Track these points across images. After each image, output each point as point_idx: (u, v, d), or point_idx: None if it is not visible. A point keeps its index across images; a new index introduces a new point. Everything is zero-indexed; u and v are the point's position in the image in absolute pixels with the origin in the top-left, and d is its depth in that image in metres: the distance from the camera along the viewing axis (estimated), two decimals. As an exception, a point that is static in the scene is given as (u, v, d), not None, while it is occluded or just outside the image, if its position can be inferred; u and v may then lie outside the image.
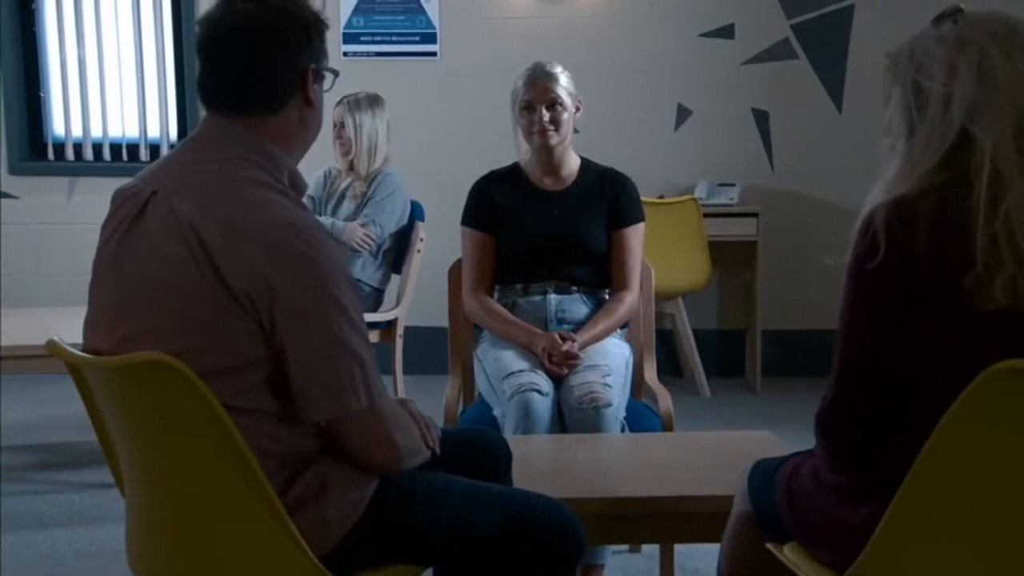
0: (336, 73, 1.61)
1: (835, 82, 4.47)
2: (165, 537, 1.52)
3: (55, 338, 1.55)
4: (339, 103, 3.63)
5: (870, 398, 1.41)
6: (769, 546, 1.58)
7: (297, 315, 1.43)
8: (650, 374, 2.64)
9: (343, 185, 3.70)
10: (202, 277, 1.42)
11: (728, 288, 4.61)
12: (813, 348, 4.55)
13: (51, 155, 4.68)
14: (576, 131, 2.63)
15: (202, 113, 4.83)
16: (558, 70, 2.58)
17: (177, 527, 1.50)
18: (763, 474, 1.66)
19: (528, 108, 2.56)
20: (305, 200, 4.04)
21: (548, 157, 2.62)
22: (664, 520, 1.83)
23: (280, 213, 1.47)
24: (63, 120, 4.67)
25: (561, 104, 2.55)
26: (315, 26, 1.57)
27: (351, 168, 3.70)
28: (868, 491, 1.42)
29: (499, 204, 2.64)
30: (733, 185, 4.42)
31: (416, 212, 3.81)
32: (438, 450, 1.64)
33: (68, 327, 3.56)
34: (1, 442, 3.64)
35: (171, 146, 4.70)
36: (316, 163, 3.89)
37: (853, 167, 4.49)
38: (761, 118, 4.52)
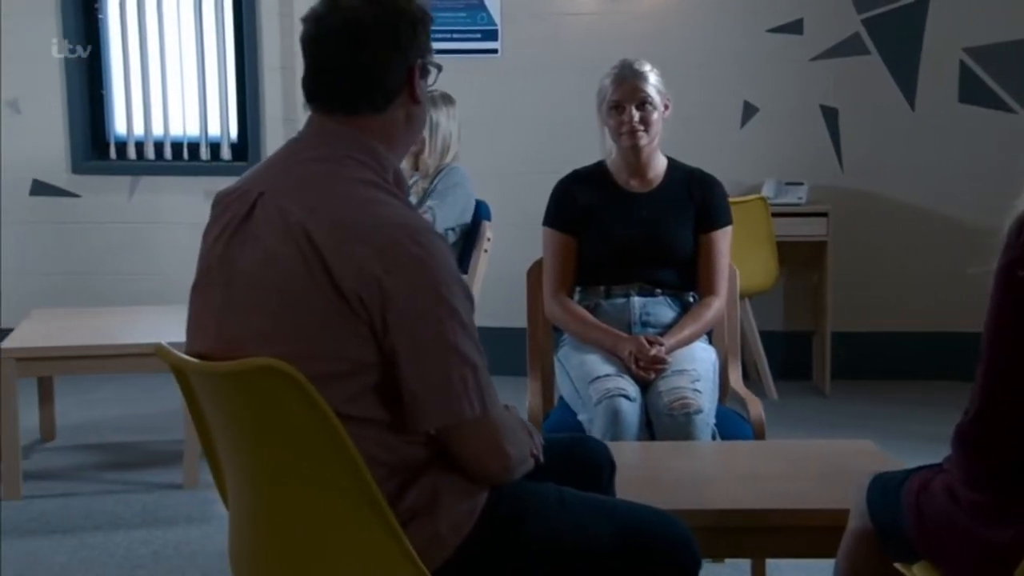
0: (440, 68, 1.57)
1: (908, 78, 4.35)
2: (272, 547, 1.48)
3: (162, 342, 1.52)
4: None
5: (1018, 412, 1.34)
6: (897, 565, 1.51)
7: (409, 319, 1.38)
8: (736, 379, 2.58)
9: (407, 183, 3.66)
10: (312, 279, 1.38)
11: (794, 289, 4.51)
12: (884, 351, 4.46)
13: (113, 154, 4.69)
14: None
15: (268, 112, 4.80)
16: (647, 68, 2.51)
17: (285, 537, 1.46)
18: (884, 489, 1.59)
19: (617, 108, 2.50)
20: None
21: (636, 158, 2.55)
22: (771, 534, 1.77)
23: (391, 213, 1.43)
24: (125, 119, 4.68)
25: (651, 103, 2.49)
26: (422, 20, 1.53)
27: (415, 166, 3.66)
28: (1012, 512, 1.35)
29: (582, 205, 2.58)
30: (801, 184, 4.32)
31: (482, 211, 3.76)
32: (541, 458, 1.59)
33: (129, 327, 3.57)
34: (66, 441, 3.64)
35: (232, 145, 4.70)
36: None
37: (927, 165, 4.39)
38: (830, 115, 4.42)
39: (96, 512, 3.01)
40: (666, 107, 2.54)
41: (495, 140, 4.47)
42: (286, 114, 4.59)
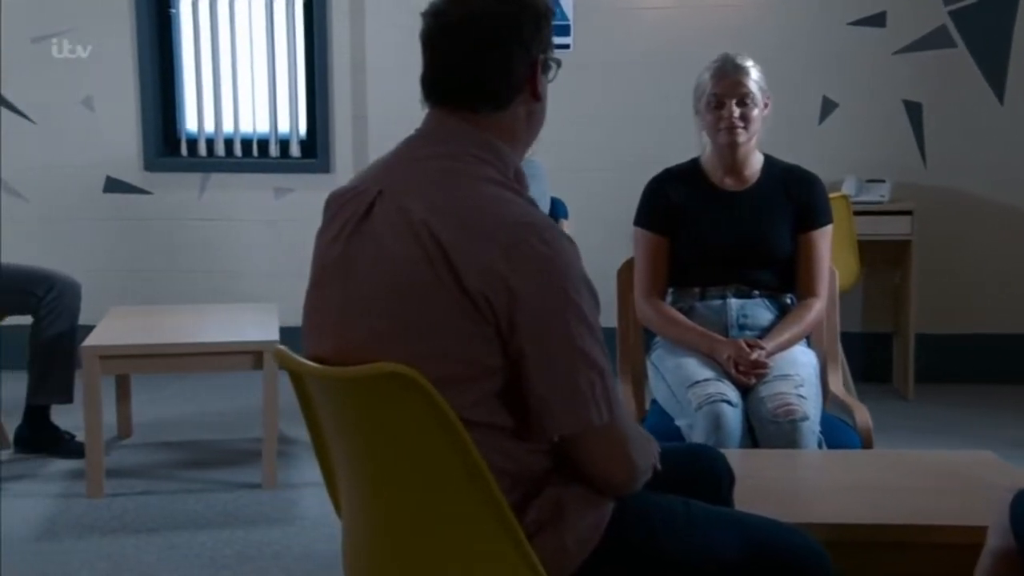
0: (559, 64, 1.51)
1: (997, 71, 4.21)
2: (391, 558, 1.43)
3: (282, 346, 1.48)
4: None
5: None
6: (1050, 588, 1.42)
7: (537, 321, 1.33)
8: (836, 384, 2.49)
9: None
10: (437, 278, 1.33)
11: (873, 289, 4.39)
12: (970, 354, 4.32)
13: (184, 151, 4.71)
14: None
15: (338, 109, 4.76)
16: (749, 63, 2.43)
17: (405, 547, 1.41)
18: (1031, 505, 1.50)
19: (716, 103, 2.42)
20: None
21: (732, 156, 2.47)
22: (900, 552, 1.68)
23: (517, 211, 1.38)
24: (196, 116, 4.69)
25: (752, 100, 2.41)
26: (544, 14, 1.47)
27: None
28: None
29: (676, 205, 2.51)
30: (883, 181, 4.20)
31: (558, 209, 3.70)
32: (659, 467, 1.53)
33: (207, 325, 3.57)
34: (142, 439, 3.65)
35: (301, 142, 4.69)
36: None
37: (1017, 160, 4.24)
38: (913, 110, 4.29)
39: (178, 511, 3.00)
40: (766, 105, 2.45)
41: (566, 137, 4.40)
42: (355, 111, 4.57)
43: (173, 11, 4.64)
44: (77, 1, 4.51)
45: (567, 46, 4.44)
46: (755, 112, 2.42)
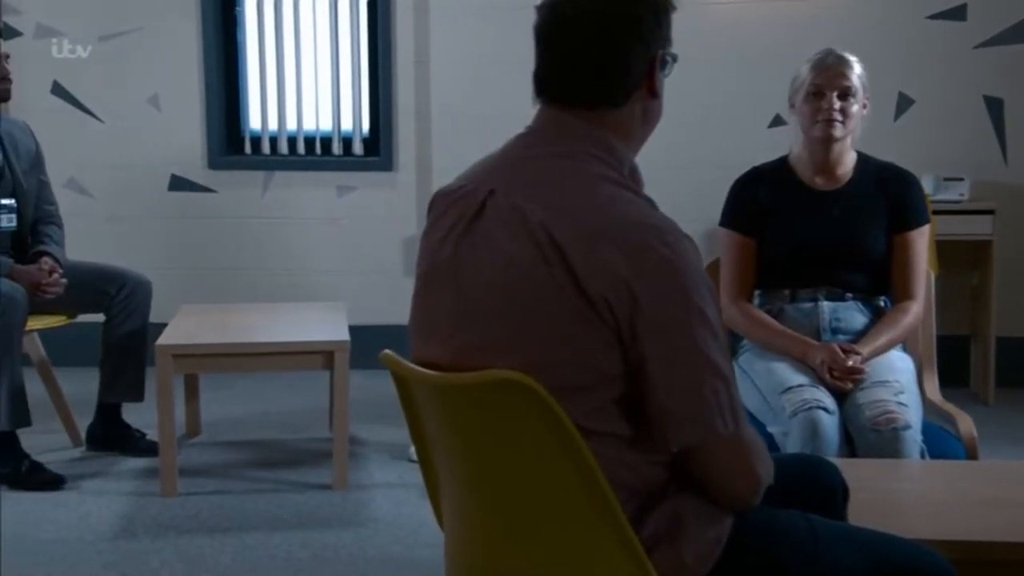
0: (676, 59, 1.45)
1: (1083, 66, 4.06)
2: (501, 570, 1.38)
3: (389, 351, 1.44)
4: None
5: None
6: None
7: (661, 327, 1.27)
8: (933, 390, 2.40)
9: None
10: (555, 281, 1.28)
11: (950, 290, 4.25)
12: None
13: (248, 149, 4.71)
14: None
15: (401, 106, 4.71)
16: (854, 59, 2.35)
17: (516, 559, 1.37)
18: None
19: (816, 94, 2.34)
20: None
21: (825, 153, 2.39)
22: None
23: (637, 212, 1.32)
24: (260, 114, 4.69)
25: (853, 94, 2.33)
26: (664, 7, 1.42)
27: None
28: None
29: (764, 205, 2.43)
30: (961, 180, 4.07)
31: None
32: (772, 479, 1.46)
33: (276, 324, 3.55)
34: (210, 438, 3.65)
35: (364, 139, 4.66)
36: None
37: (1104, 159, 4.10)
38: (994, 106, 4.15)
39: (251, 512, 2.98)
40: (864, 105, 2.37)
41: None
42: (419, 108, 4.54)
43: (238, 9, 4.65)
44: (145, 0, 4.53)
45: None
46: (855, 108, 2.34)
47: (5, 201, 3.34)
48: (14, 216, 3.36)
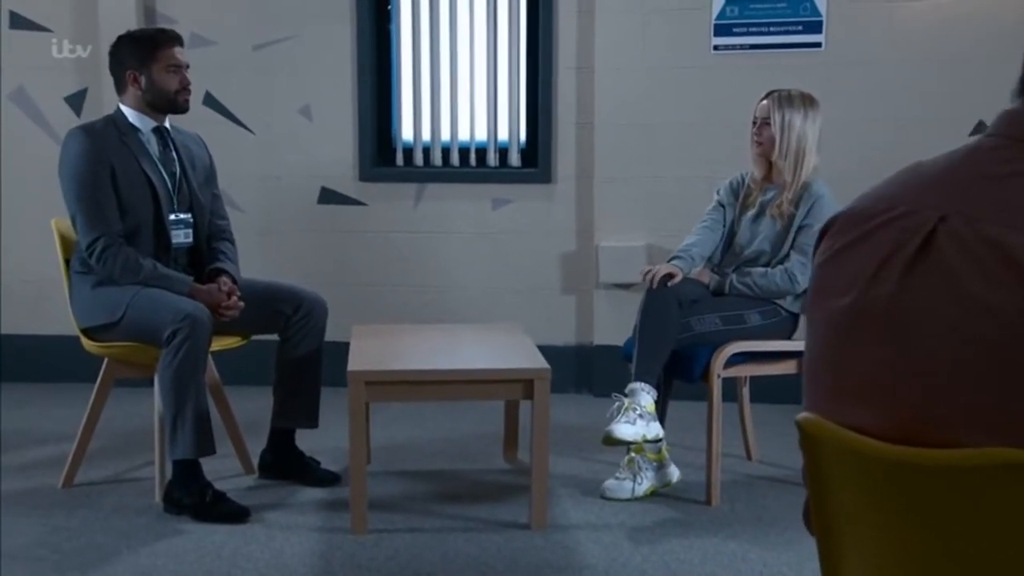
0: None
1: None
2: None
3: (810, 414, 1.18)
4: (767, 96, 3.22)
5: None
6: None
7: None
8: None
9: (762, 197, 3.27)
10: None
11: None
12: None
13: (400, 161, 4.53)
14: None
15: (561, 115, 4.44)
16: None
17: None
18: None
19: None
20: (714, 208, 3.52)
21: None
22: None
23: None
24: (412, 125, 4.51)
25: None
26: None
27: (768, 178, 3.27)
28: None
29: None
30: None
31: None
32: None
33: (457, 349, 3.32)
34: (381, 466, 3.44)
35: (522, 150, 4.44)
36: (729, 167, 3.49)
37: None
38: None
39: (451, 554, 2.75)
40: None
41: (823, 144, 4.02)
42: (579, 118, 4.31)
43: (392, 14, 4.47)
44: (298, 8, 4.38)
45: (818, 44, 4.08)
46: None
47: (182, 216, 3.19)
48: (191, 231, 3.21)
